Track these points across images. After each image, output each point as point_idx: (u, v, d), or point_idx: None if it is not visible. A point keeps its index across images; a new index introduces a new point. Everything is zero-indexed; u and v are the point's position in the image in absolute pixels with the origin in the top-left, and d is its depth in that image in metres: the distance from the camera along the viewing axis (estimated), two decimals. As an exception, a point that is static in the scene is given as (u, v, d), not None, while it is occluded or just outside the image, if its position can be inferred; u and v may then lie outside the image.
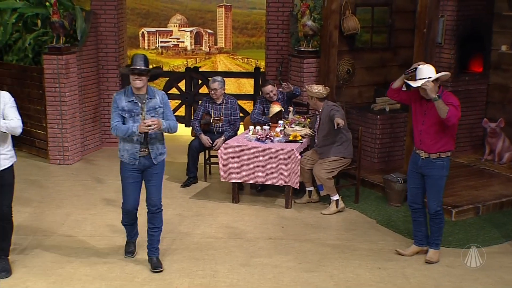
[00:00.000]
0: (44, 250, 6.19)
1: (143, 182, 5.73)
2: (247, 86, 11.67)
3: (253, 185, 7.95)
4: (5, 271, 5.62)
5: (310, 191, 7.57)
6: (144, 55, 5.60)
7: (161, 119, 5.56)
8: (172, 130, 5.67)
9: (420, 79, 5.65)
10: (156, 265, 5.78)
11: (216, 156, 8.03)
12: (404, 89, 6.08)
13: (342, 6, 8.57)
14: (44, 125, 9.20)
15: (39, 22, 9.80)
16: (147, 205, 5.74)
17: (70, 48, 9.07)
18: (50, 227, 6.77)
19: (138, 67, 5.43)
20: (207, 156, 8.46)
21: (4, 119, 5.30)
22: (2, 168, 5.41)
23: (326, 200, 7.44)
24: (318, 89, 7.30)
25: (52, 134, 9.09)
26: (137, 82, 5.44)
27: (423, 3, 7.17)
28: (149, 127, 5.41)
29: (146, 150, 5.56)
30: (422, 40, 7.18)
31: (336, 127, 7.05)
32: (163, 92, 5.75)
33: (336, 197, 7.29)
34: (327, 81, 8.37)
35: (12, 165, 5.52)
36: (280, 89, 8.19)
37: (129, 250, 6.04)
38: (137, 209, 5.80)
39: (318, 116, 7.44)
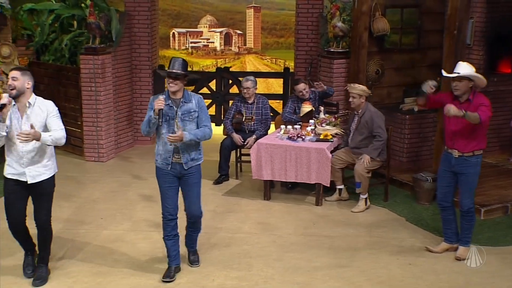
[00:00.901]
0: (85, 243, 6.44)
1: (181, 190, 5.66)
2: (275, 86, 11.85)
3: (284, 183, 8.12)
4: (41, 279, 5.54)
5: (340, 190, 7.72)
6: (183, 59, 5.52)
7: (195, 123, 5.49)
8: (202, 139, 5.52)
9: (455, 72, 5.79)
10: (193, 260, 5.95)
11: (247, 155, 8.25)
12: (433, 89, 6.18)
13: (372, 7, 8.70)
14: (80, 123, 9.47)
15: (75, 23, 10.06)
16: (186, 214, 5.72)
17: (105, 48, 9.33)
18: (90, 221, 7.03)
19: (174, 71, 5.36)
20: (238, 154, 8.67)
21: (47, 129, 5.26)
22: (42, 179, 5.35)
23: (354, 198, 7.58)
24: (364, 87, 7.44)
25: (87, 132, 9.36)
26: (172, 86, 5.38)
27: (454, 5, 7.28)
28: (159, 105, 5.27)
29: (180, 156, 5.49)
30: (453, 41, 7.29)
31: (360, 160, 7.32)
32: (200, 96, 5.63)
33: (366, 195, 7.44)
34: (356, 82, 8.49)
35: (51, 176, 5.44)
36: (313, 88, 8.34)
37: (169, 274, 5.69)
38: (176, 216, 5.68)
39: (356, 116, 7.57)
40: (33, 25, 10.56)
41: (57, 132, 5.25)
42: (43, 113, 5.27)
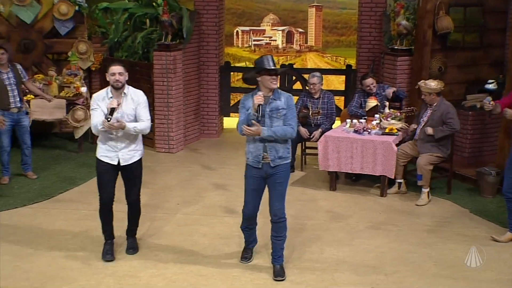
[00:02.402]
0: (164, 225, 6.90)
1: (267, 189, 5.65)
2: (335, 83, 12.15)
3: (348, 175, 8.43)
4: (133, 248, 6.17)
5: (399, 183, 7.96)
6: (271, 55, 5.56)
7: (283, 121, 5.49)
8: (281, 137, 5.46)
9: None
10: (278, 273, 5.69)
11: (312, 147, 8.58)
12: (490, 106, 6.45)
13: (436, 6, 8.92)
14: (151, 116, 9.93)
15: (147, 21, 10.55)
16: (270, 214, 5.67)
17: (177, 45, 9.80)
18: (167, 207, 7.49)
19: (274, 68, 5.39)
20: (303, 147, 9.00)
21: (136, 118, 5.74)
22: (133, 161, 5.85)
23: (412, 190, 7.86)
24: (435, 84, 7.64)
25: (159, 125, 9.84)
26: (275, 83, 5.43)
27: (520, 3, 7.47)
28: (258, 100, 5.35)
29: (269, 156, 5.49)
30: (518, 39, 7.48)
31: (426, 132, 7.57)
32: (289, 95, 5.61)
33: (428, 188, 7.66)
34: (419, 78, 8.71)
35: (140, 158, 5.97)
36: (384, 93, 8.57)
37: (245, 255, 6.04)
38: (256, 215, 5.81)
39: (429, 109, 7.75)
40: (107, 23, 11.11)
41: (143, 123, 5.75)
42: (134, 103, 5.75)
